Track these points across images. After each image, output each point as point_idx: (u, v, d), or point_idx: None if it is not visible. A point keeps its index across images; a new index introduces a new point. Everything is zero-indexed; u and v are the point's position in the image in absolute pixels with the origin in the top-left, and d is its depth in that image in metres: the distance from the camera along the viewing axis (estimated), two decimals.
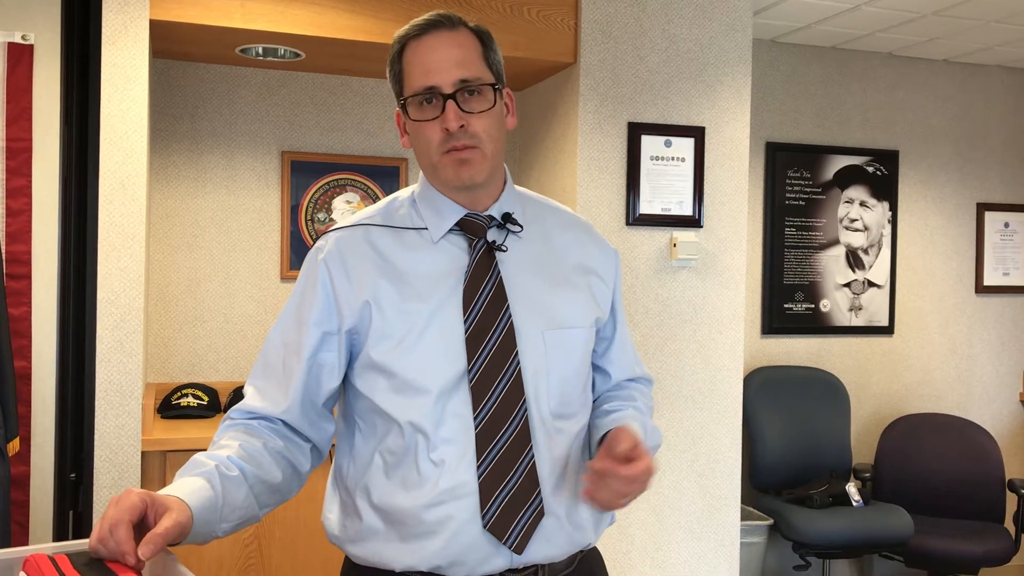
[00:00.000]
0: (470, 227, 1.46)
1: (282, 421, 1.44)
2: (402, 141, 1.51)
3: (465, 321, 1.40)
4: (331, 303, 1.43)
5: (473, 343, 1.39)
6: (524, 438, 1.40)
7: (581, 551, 1.51)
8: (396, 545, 1.40)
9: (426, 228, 1.47)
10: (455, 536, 1.37)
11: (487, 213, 1.48)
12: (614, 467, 1.33)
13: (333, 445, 1.54)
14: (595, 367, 1.60)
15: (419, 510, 1.38)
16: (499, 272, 1.44)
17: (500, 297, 1.43)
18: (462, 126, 1.39)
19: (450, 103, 1.39)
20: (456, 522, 1.37)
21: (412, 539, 1.39)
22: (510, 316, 1.42)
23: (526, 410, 1.41)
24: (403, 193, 1.55)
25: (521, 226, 1.50)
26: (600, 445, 1.45)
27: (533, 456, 1.41)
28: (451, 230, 1.47)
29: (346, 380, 1.48)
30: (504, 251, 1.46)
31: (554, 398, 1.45)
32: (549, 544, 1.43)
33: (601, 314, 1.55)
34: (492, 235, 1.47)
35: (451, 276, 1.43)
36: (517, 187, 1.57)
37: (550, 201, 1.62)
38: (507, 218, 1.49)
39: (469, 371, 1.39)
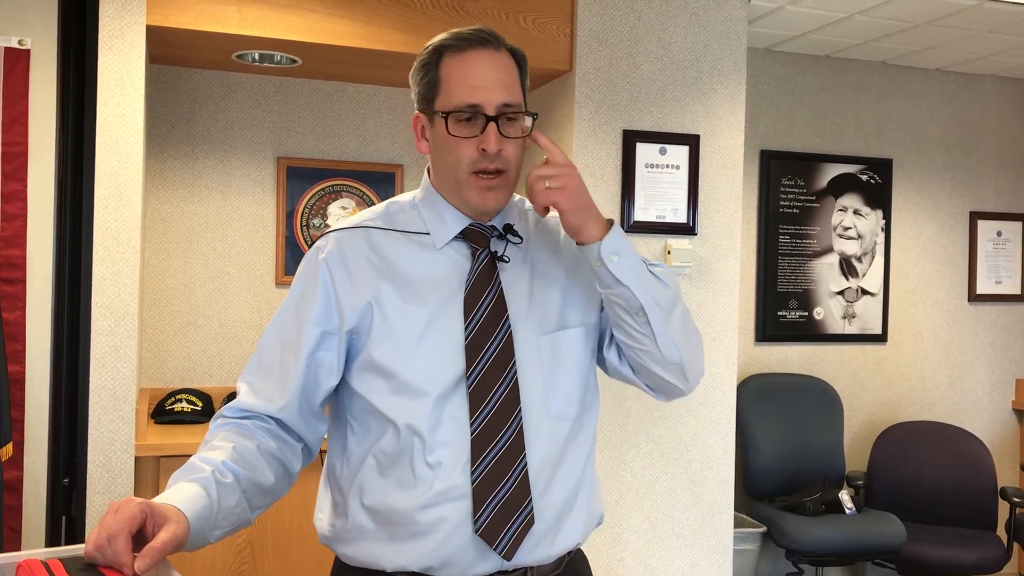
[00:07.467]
0: (474, 236, 1.48)
1: (275, 420, 1.44)
2: (418, 146, 1.51)
3: (466, 329, 1.42)
4: (332, 303, 1.44)
5: (472, 351, 1.41)
6: (519, 445, 1.41)
7: (569, 553, 1.52)
8: (387, 545, 1.41)
9: (428, 233, 1.48)
10: (447, 538, 1.38)
11: (490, 224, 1.49)
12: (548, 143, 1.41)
13: (323, 450, 1.55)
14: (603, 358, 1.58)
15: (413, 511, 1.39)
16: (500, 283, 1.46)
17: (500, 307, 1.44)
18: (499, 150, 1.41)
19: (492, 126, 1.40)
20: (449, 524, 1.38)
21: (404, 539, 1.40)
22: (509, 326, 1.44)
23: (521, 418, 1.42)
24: (403, 198, 1.56)
25: (522, 238, 1.51)
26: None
27: (526, 463, 1.41)
28: (454, 237, 1.48)
29: (340, 380, 1.48)
30: (506, 262, 1.48)
31: (555, 400, 1.46)
32: (538, 549, 1.44)
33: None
34: (494, 245, 1.48)
35: (452, 281, 1.45)
36: (515, 195, 1.58)
37: None
38: (508, 229, 1.50)
39: (468, 377, 1.40)
